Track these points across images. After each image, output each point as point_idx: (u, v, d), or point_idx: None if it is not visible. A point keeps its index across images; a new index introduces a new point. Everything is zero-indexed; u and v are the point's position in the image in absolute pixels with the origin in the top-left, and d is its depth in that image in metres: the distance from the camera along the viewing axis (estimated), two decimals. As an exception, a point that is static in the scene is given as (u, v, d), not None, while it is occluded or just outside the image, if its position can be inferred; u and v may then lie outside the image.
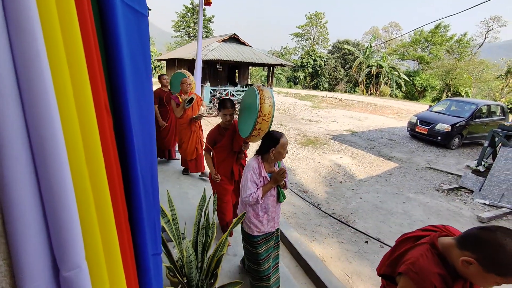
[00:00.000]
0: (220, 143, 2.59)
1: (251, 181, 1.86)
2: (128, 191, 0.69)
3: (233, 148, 2.62)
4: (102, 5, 0.57)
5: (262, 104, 2.02)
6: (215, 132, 2.62)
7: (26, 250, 0.41)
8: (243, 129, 2.31)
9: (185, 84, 3.97)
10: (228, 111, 2.49)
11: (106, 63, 0.61)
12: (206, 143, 2.65)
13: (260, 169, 1.90)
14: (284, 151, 1.86)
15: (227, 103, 2.51)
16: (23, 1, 0.34)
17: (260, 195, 1.86)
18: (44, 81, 0.38)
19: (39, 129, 0.39)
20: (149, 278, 0.73)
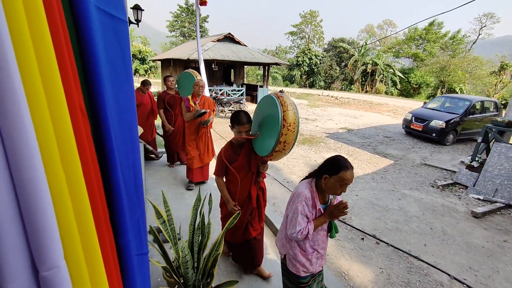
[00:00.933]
0: (236, 163, 2.13)
1: (302, 214, 1.53)
2: (109, 193, 0.70)
3: (251, 168, 2.16)
4: (75, 12, 0.58)
5: (286, 111, 1.71)
6: (228, 150, 2.17)
7: (3, 251, 0.42)
8: (262, 146, 1.95)
9: (198, 86, 3.67)
10: (244, 127, 2.05)
11: (83, 68, 0.62)
12: (218, 166, 2.19)
13: (314, 200, 1.56)
14: (340, 188, 1.47)
15: (243, 117, 2.06)
16: None
17: (311, 231, 1.54)
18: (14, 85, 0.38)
19: (11, 134, 0.40)
20: (133, 277, 0.74)
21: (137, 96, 4.56)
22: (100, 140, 0.66)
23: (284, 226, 1.70)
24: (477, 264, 3.01)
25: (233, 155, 2.16)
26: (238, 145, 2.18)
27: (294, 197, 1.58)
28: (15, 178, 0.41)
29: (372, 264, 2.90)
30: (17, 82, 0.39)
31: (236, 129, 2.07)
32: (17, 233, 0.43)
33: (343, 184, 1.44)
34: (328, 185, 1.49)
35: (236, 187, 2.16)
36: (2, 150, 0.40)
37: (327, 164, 1.53)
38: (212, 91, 12.38)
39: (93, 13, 0.59)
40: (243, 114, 2.08)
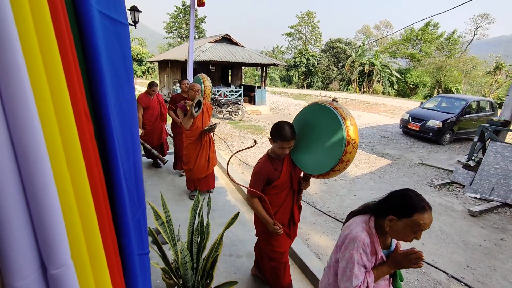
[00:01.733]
0: (277, 180, 1.85)
1: (359, 264, 1.17)
2: (111, 193, 0.71)
3: (293, 185, 1.93)
4: (79, 16, 0.60)
5: (349, 126, 1.49)
6: (268, 166, 1.85)
7: (14, 250, 0.43)
8: (314, 163, 1.69)
9: (192, 91, 3.40)
10: (289, 143, 1.72)
11: (86, 71, 0.63)
12: (254, 184, 1.86)
13: (374, 245, 1.20)
14: (412, 235, 1.14)
15: (288, 131, 1.70)
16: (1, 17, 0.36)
17: (371, 284, 1.18)
18: (25, 91, 0.40)
19: (21, 137, 0.41)
20: (135, 276, 0.75)
21: (145, 99, 4.47)
22: (103, 142, 0.68)
23: (333, 272, 1.33)
24: (475, 263, 3.03)
25: (274, 171, 1.84)
26: (278, 159, 1.87)
27: (348, 241, 1.20)
28: (25, 180, 0.43)
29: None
30: (28, 88, 0.40)
31: (279, 144, 1.73)
32: (27, 233, 0.45)
33: (418, 230, 1.11)
34: (395, 229, 1.15)
35: (275, 208, 1.90)
36: (12, 154, 0.41)
37: (395, 201, 1.17)
38: (210, 92, 12.37)
39: (95, 17, 0.61)
40: (289, 127, 1.71)
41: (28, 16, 0.41)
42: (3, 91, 0.39)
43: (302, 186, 1.96)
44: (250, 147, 2.00)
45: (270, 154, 1.88)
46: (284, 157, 1.87)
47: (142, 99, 4.46)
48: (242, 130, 9.00)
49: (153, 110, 4.57)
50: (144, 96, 4.50)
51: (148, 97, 4.52)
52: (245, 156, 6.37)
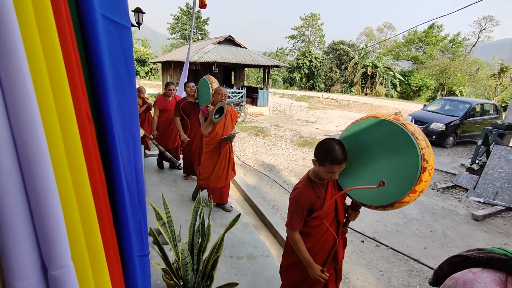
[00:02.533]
0: (321, 210, 1.50)
1: None
2: (112, 195, 0.72)
3: (338, 216, 1.61)
4: (82, 20, 0.61)
5: (424, 148, 1.22)
6: (309, 193, 1.50)
7: (15, 251, 0.43)
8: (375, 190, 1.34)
9: (219, 95, 3.12)
10: (340, 167, 1.38)
11: (88, 74, 0.64)
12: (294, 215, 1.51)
13: None
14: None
15: (340, 151, 1.36)
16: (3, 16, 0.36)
17: None
18: (28, 93, 0.41)
19: (24, 140, 0.42)
20: (135, 278, 0.76)
21: (162, 101, 4.34)
22: (105, 144, 0.69)
23: None
24: (478, 267, 3.00)
25: (317, 199, 1.51)
26: (322, 184, 1.53)
27: None
28: (26, 182, 0.44)
29: (372, 267, 2.89)
30: (31, 91, 0.41)
31: (328, 168, 1.38)
32: (28, 234, 0.45)
33: None
34: None
35: (316, 242, 1.57)
36: (15, 155, 0.42)
37: None
38: (212, 93, 12.40)
39: (99, 21, 0.62)
40: (339, 147, 1.37)
41: (31, 19, 0.41)
42: (6, 93, 0.40)
43: (350, 216, 1.61)
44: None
45: (311, 178, 1.53)
46: (329, 181, 1.55)
47: (159, 101, 4.34)
48: (244, 132, 9.01)
49: (169, 113, 4.36)
50: (161, 98, 4.37)
51: (166, 99, 4.37)
52: (246, 158, 6.37)
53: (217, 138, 3.17)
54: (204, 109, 3.15)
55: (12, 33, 0.38)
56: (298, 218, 1.51)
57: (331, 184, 1.57)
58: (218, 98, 3.15)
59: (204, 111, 3.13)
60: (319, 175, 1.48)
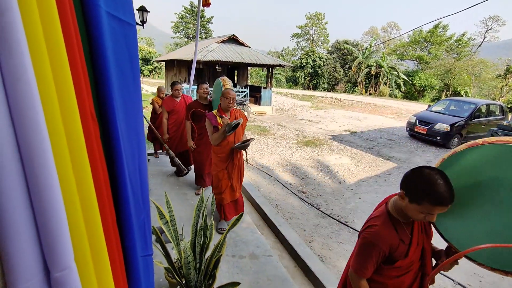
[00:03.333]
0: (405, 259, 1.17)
1: None
2: (116, 195, 0.71)
3: (425, 268, 1.26)
4: (87, 18, 0.60)
5: None
6: (391, 234, 1.15)
7: (17, 252, 0.43)
8: None
9: (227, 99, 2.74)
10: (444, 208, 1.02)
11: (93, 73, 0.63)
12: (365, 259, 1.17)
13: None
14: None
15: (446, 189, 1.00)
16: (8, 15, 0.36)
17: None
18: (31, 91, 0.40)
19: (27, 139, 0.41)
20: (138, 278, 0.75)
21: (169, 102, 4.14)
22: (109, 144, 0.68)
23: None
24: (482, 270, 2.96)
25: (400, 243, 1.15)
26: (406, 223, 1.18)
27: None
28: (29, 181, 0.43)
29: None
30: (34, 89, 0.40)
31: (426, 208, 1.03)
32: (31, 235, 0.45)
33: None
34: None
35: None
36: (18, 155, 0.41)
37: None
38: (215, 92, 12.41)
39: (103, 18, 0.61)
40: (445, 183, 1.01)
41: (36, 16, 0.41)
42: (9, 91, 0.39)
43: (443, 268, 1.18)
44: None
45: (392, 215, 1.18)
46: (414, 221, 1.20)
47: (167, 102, 4.16)
48: (248, 131, 9.01)
49: (177, 115, 4.15)
50: (168, 100, 4.18)
51: (173, 100, 4.16)
52: (249, 157, 6.37)
53: (229, 147, 2.83)
54: (212, 115, 2.78)
55: (16, 30, 0.37)
56: (371, 265, 1.16)
57: (418, 224, 1.22)
58: (226, 102, 2.76)
59: (212, 118, 2.76)
60: (405, 213, 1.13)
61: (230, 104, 2.77)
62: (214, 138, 2.76)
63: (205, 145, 3.65)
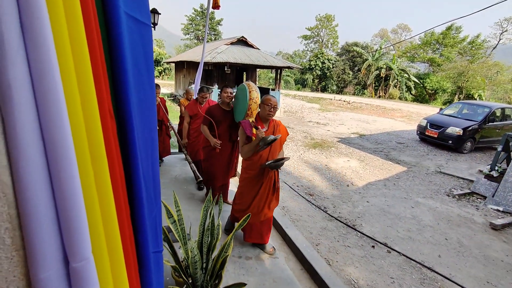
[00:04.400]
0: None
1: None
2: (130, 191, 0.73)
3: None
4: (108, 18, 0.62)
5: None
6: None
7: (39, 243, 0.45)
8: None
9: (268, 106, 2.40)
10: None
11: (111, 71, 0.65)
12: None
13: None
14: None
15: None
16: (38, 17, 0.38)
17: None
18: (57, 90, 0.42)
19: (51, 133, 0.43)
20: (150, 273, 0.77)
21: (193, 107, 4.01)
22: (124, 140, 0.70)
23: None
24: (496, 279, 2.88)
25: None
26: None
27: None
28: (53, 175, 0.45)
29: (383, 274, 2.83)
30: (59, 86, 0.42)
31: None
32: (52, 227, 0.47)
33: None
34: None
35: None
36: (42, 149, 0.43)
37: None
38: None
39: (122, 19, 0.63)
40: None
41: (61, 16, 0.42)
42: (36, 86, 0.41)
43: None
44: None
45: None
46: None
47: (190, 106, 4.05)
48: (255, 132, 9.01)
49: (200, 120, 3.89)
50: (192, 104, 4.07)
51: (197, 104, 4.04)
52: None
53: (261, 163, 2.50)
54: (247, 124, 2.44)
55: (44, 30, 0.39)
56: None
57: None
58: (265, 111, 2.42)
59: (247, 127, 2.42)
60: None
61: (271, 113, 2.43)
62: (244, 151, 2.48)
63: (220, 154, 3.26)
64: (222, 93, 3.27)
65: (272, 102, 2.41)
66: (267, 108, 2.42)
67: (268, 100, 2.42)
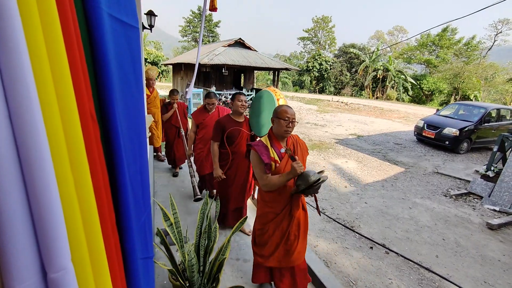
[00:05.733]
0: None
1: None
2: (116, 197, 0.71)
3: None
4: (88, 19, 0.61)
5: None
6: None
7: (14, 252, 0.43)
8: None
9: (285, 121, 1.85)
10: None
11: (94, 74, 0.64)
12: None
13: None
14: None
15: None
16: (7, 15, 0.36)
17: None
18: (29, 91, 0.40)
19: (24, 139, 0.41)
20: (137, 280, 0.75)
21: (199, 115, 3.51)
22: (109, 145, 0.68)
23: None
24: (493, 278, 2.89)
25: None
26: None
27: None
28: (27, 182, 0.43)
29: (381, 275, 2.83)
30: (33, 90, 0.41)
31: None
32: (28, 236, 0.44)
33: None
34: None
35: None
36: (15, 154, 0.41)
37: None
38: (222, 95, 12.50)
39: (105, 20, 0.61)
40: None
41: (35, 17, 0.41)
42: (8, 92, 0.39)
43: None
44: None
45: None
46: None
47: (196, 114, 3.53)
48: (253, 134, 9.01)
49: (206, 129, 3.42)
50: (199, 111, 3.55)
51: (205, 112, 3.49)
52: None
53: (287, 194, 1.89)
54: (261, 147, 1.88)
55: (14, 29, 0.38)
56: None
57: None
58: (282, 127, 1.85)
59: (263, 152, 1.85)
60: None
61: (289, 128, 1.85)
62: (268, 183, 1.81)
63: (234, 174, 2.83)
64: (236, 101, 2.73)
65: (289, 115, 1.85)
66: (284, 124, 1.84)
67: (284, 113, 1.85)
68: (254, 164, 1.91)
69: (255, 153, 1.87)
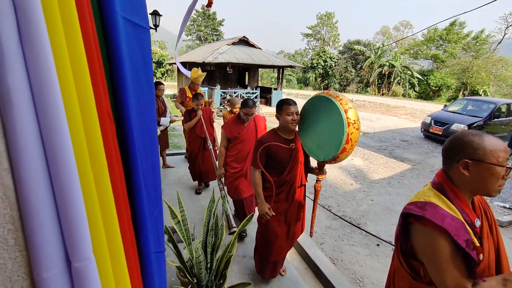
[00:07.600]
0: None
1: None
2: (130, 192, 0.74)
3: None
4: (105, 22, 0.64)
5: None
6: None
7: (41, 243, 0.46)
8: None
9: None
10: None
11: (110, 75, 0.66)
12: None
13: None
14: None
15: None
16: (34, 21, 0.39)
17: None
18: (55, 93, 0.44)
19: (50, 136, 0.45)
20: (152, 273, 0.79)
21: (232, 127, 2.79)
22: (124, 142, 0.72)
23: None
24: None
25: None
26: None
27: None
28: (53, 177, 0.47)
29: (388, 271, 2.81)
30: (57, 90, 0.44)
31: None
32: (54, 228, 0.48)
33: None
34: None
35: None
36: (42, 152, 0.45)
37: None
38: (226, 94, 12.52)
39: (120, 23, 0.65)
40: None
41: (58, 21, 0.44)
42: (35, 92, 0.42)
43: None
44: None
45: None
46: None
47: (229, 127, 2.77)
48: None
49: (243, 144, 2.78)
50: (232, 123, 2.79)
51: (240, 124, 2.77)
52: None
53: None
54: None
55: (41, 35, 0.40)
56: None
57: None
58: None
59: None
60: None
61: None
62: None
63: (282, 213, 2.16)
64: (284, 115, 1.90)
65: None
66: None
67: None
68: (440, 259, 0.96)
69: (443, 238, 0.94)
